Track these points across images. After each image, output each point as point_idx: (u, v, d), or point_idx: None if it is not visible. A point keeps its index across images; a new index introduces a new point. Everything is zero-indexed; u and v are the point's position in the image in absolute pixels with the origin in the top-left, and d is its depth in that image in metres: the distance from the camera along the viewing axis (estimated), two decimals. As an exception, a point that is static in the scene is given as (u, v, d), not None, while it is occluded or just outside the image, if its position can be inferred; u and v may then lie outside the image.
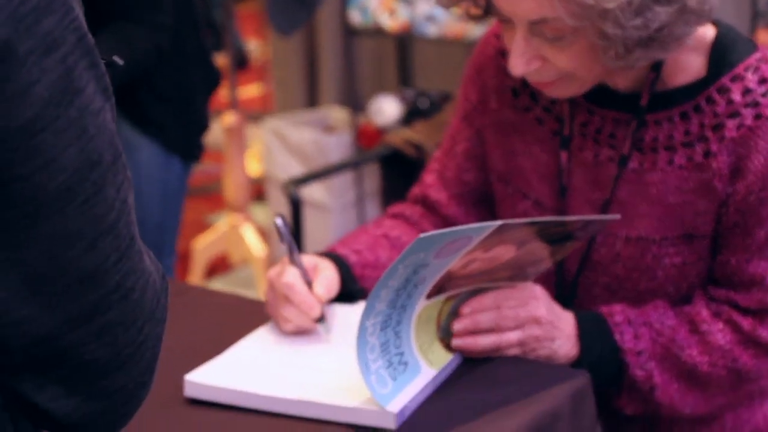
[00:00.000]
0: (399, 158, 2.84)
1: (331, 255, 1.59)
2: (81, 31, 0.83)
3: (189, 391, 1.37)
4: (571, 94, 1.51)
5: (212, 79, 2.52)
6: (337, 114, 4.19)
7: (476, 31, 3.57)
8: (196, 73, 2.45)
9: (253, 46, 5.97)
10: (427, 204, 1.70)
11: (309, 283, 1.48)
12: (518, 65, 1.45)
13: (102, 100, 0.84)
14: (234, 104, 3.81)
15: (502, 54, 1.62)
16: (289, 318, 1.48)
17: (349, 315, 1.52)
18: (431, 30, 3.66)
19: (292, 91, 4.44)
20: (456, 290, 1.41)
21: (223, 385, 1.35)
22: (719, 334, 1.49)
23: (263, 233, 3.86)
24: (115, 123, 0.87)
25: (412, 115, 3.83)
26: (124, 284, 0.86)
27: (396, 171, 2.88)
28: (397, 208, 1.73)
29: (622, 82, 1.52)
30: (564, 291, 1.58)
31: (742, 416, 1.58)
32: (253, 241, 3.70)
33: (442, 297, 1.39)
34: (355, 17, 3.80)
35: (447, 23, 3.63)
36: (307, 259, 1.53)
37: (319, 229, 3.77)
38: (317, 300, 1.47)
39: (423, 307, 1.37)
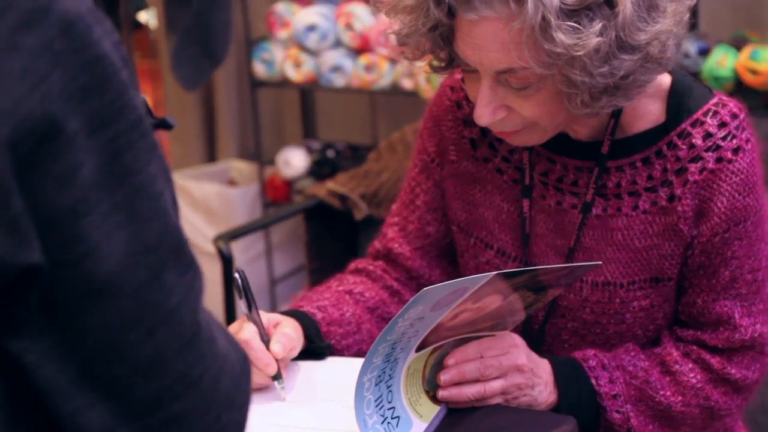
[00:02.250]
0: (323, 210, 2.86)
1: (297, 312, 1.59)
2: (136, 113, 0.81)
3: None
4: (534, 143, 1.54)
5: None
6: (239, 167, 4.17)
7: (383, 81, 3.61)
8: None
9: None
10: (389, 258, 1.71)
11: (267, 341, 1.48)
12: (484, 115, 1.46)
13: (162, 183, 0.82)
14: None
15: (458, 106, 1.65)
16: None
17: (315, 372, 1.53)
18: (338, 80, 3.69)
19: (189, 146, 4.40)
20: (440, 342, 1.42)
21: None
22: (690, 374, 1.53)
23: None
24: (175, 207, 0.85)
25: (320, 167, 3.84)
26: (191, 373, 0.83)
27: (320, 223, 2.90)
28: (358, 263, 1.74)
29: (582, 130, 1.56)
30: (531, 337, 1.60)
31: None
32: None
33: (428, 349, 1.41)
34: (259, 68, 3.81)
35: (353, 74, 3.66)
36: (268, 316, 1.53)
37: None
38: (274, 357, 1.47)
39: (412, 359, 1.38)
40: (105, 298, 0.79)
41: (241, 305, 1.49)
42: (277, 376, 1.47)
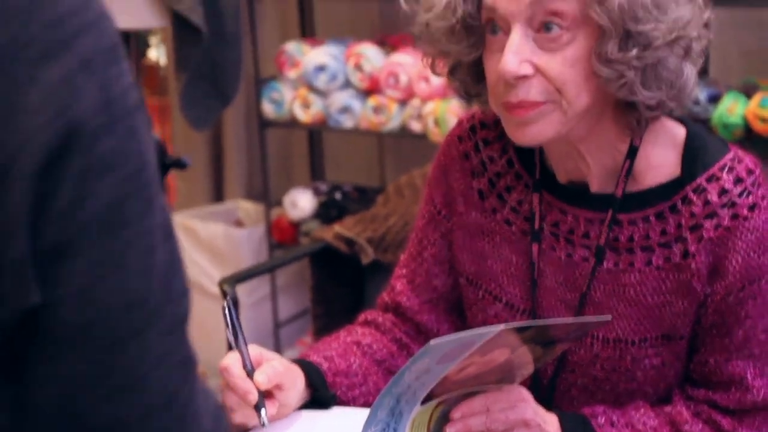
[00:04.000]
0: (330, 253, 2.84)
1: (303, 361, 1.57)
2: (142, 160, 0.78)
3: None
4: (549, 135, 1.45)
5: None
6: (246, 207, 4.16)
7: (391, 123, 3.60)
8: None
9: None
10: (398, 311, 1.69)
11: (251, 371, 1.46)
12: (511, 61, 1.40)
13: (158, 239, 0.79)
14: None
15: (466, 156, 1.64)
16: (231, 405, 1.46)
17: (319, 421, 1.52)
18: (347, 122, 3.68)
19: (195, 185, 4.39)
20: (446, 395, 1.40)
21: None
22: (701, 435, 1.51)
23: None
24: (174, 266, 0.81)
25: (327, 209, 3.83)
26: None
27: (326, 266, 2.88)
28: (368, 315, 1.72)
29: (598, 173, 1.53)
30: (541, 393, 1.58)
31: None
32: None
33: (434, 402, 1.39)
34: (268, 108, 3.80)
35: (362, 115, 3.65)
36: (262, 351, 1.51)
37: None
38: (256, 386, 1.44)
39: (416, 412, 1.37)
40: (75, 350, 0.75)
41: (228, 334, 1.48)
42: (258, 405, 1.44)
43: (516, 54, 1.40)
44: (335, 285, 2.88)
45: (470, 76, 1.54)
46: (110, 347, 0.76)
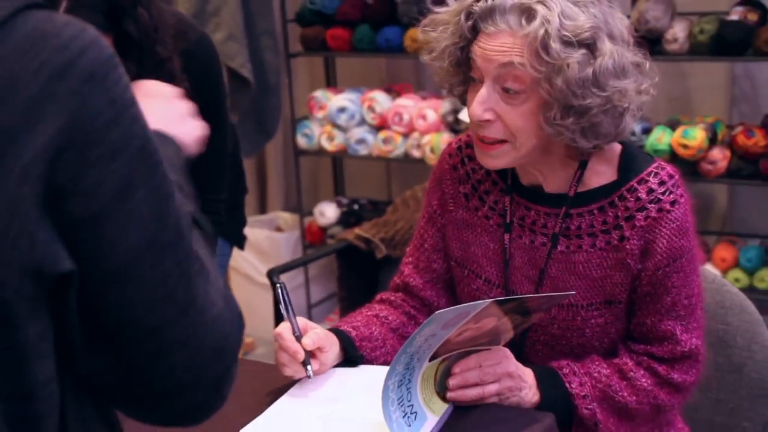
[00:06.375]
0: (351, 250, 2.87)
1: (336, 330, 1.59)
2: (144, 138, 0.81)
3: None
4: (503, 165, 1.52)
5: (244, 184, 2.50)
6: (284, 217, 4.18)
7: (397, 151, 3.63)
8: (240, 180, 2.43)
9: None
10: (407, 290, 1.71)
11: (299, 337, 1.49)
12: (478, 108, 1.46)
13: (165, 192, 0.82)
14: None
15: (455, 168, 1.66)
16: (283, 362, 1.48)
17: (350, 375, 1.53)
18: (362, 150, 3.71)
19: (245, 200, 4.39)
20: (448, 354, 1.42)
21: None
22: (642, 379, 1.53)
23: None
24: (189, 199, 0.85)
25: (348, 217, 3.85)
26: (183, 334, 0.83)
27: (349, 260, 2.91)
28: (383, 295, 1.73)
29: (553, 182, 1.56)
30: (513, 348, 1.60)
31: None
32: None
33: (438, 359, 1.41)
34: (301, 141, 3.83)
35: (374, 145, 3.68)
36: (307, 323, 1.53)
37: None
38: (303, 347, 1.47)
39: (426, 367, 1.38)
40: (120, 284, 0.80)
41: (281, 309, 1.50)
42: (305, 362, 1.47)
43: (482, 104, 1.46)
44: (356, 275, 2.90)
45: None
46: (144, 275, 0.81)
